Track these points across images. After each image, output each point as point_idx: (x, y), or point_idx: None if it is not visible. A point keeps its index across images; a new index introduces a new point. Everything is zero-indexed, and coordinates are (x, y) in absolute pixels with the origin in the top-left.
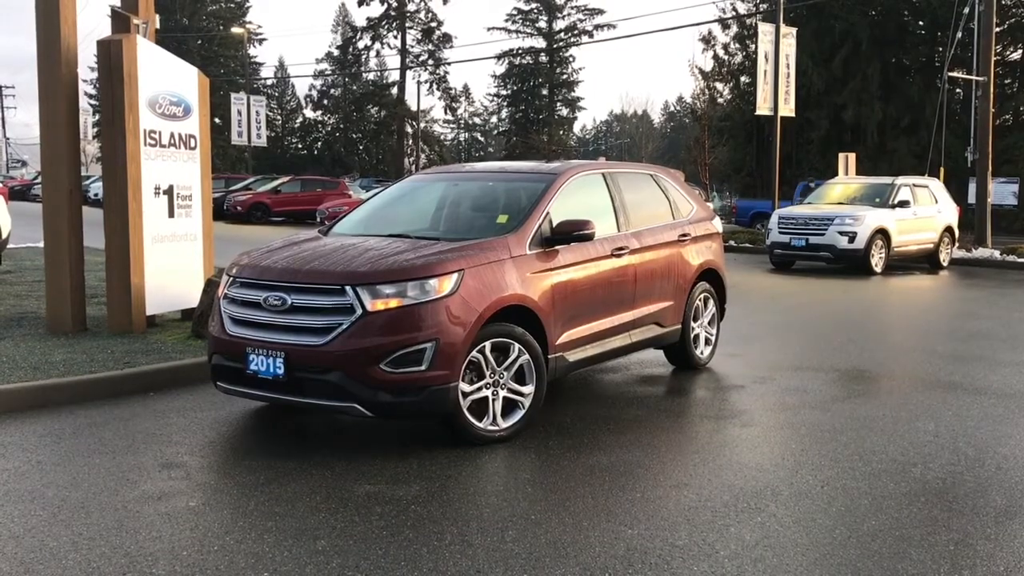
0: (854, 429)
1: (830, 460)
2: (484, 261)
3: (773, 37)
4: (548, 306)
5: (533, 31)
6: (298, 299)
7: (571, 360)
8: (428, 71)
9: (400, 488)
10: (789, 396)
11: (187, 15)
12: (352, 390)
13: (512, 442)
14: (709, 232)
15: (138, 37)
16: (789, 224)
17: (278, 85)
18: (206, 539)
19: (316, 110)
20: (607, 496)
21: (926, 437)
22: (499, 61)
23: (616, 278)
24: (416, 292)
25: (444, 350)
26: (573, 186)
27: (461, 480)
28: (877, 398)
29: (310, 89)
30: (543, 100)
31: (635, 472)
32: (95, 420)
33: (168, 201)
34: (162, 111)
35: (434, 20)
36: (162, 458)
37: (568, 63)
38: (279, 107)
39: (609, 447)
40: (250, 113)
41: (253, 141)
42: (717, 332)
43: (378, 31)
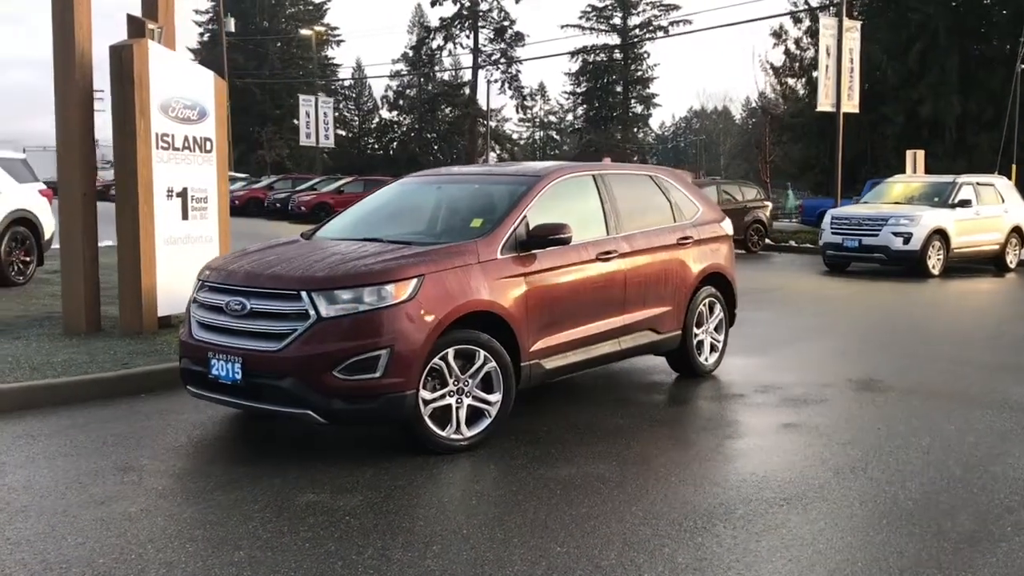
0: (841, 444)
1: (800, 477)
2: (448, 266)
3: (836, 31)
4: (520, 312)
5: (607, 28)
6: (257, 304)
7: (548, 367)
8: (500, 70)
9: (342, 498)
10: (786, 407)
11: (266, 18)
12: (306, 396)
13: (476, 451)
14: (715, 235)
15: (150, 42)
16: (842, 224)
17: (355, 86)
18: (128, 546)
19: (392, 111)
20: (550, 511)
21: (915, 454)
22: (573, 58)
23: (602, 283)
24: (373, 298)
25: (399, 357)
26: (557, 189)
27: (408, 491)
28: (879, 411)
29: (386, 90)
30: (617, 97)
31: (591, 485)
32: (76, 422)
33: (182, 203)
34: (175, 115)
35: (506, 19)
36: (123, 461)
37: (642, 59)
38: (356, 108)
39: (576, 458)
40: (318, 114)
41: (321, 142)
42: (725, 339)
43: (450, 31)
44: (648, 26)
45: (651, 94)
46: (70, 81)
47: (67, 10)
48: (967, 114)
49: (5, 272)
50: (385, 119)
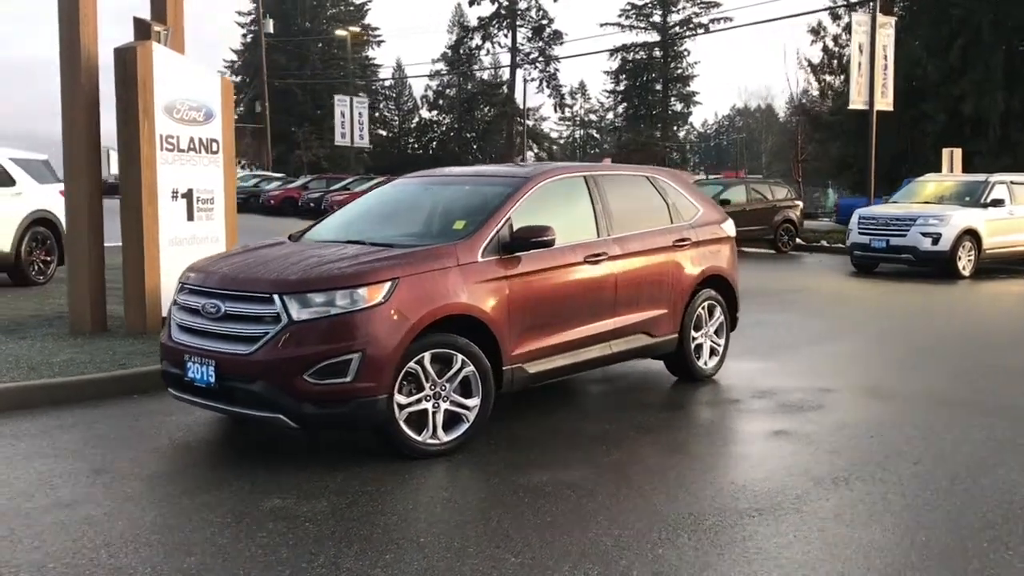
0: (828, 453)
1: (778, 488)
2: (424, 269)
3: (869, 28)
4: (501, 315)
5: (647, 25)
6: (231, 307)
7: (532, 372)
8: (538, 69)
9: (307, 504)
10: (781, 414)
11: (308, 19)
12: (277, 400)
13: (453, 456)
14: (716, 236)
15: (155, 44)
16: (869, 224)
17: (395, 86)
18: (82, 551)
19: (431, 110)
20: (514, 519)
21: (904, 465)
22: (612, 57)
23: (591, 286)
24: (345, 301)
25: (371, 361)
26: (544, 191)
27: (375, 497)
28: (876, 418)
29: (426, 89)
30: (656, 95)
31: (562, 493)
32: (64, 422)
33: (187, 204)
34: (180, 116)
35: (545, 17)
36: (100, 464)
37: (682, 57)
38: (396, 108)
39: (553, 464)
40: (353, 115)
41: (356, 142)
42: (726, 342)
43: (488, 30)
44: (688, 23)
45: (691, 92)
46: (76, 83)
47: (73, 13)
48: (1011, 111)
49: (26, 272)
50: (425, 119)
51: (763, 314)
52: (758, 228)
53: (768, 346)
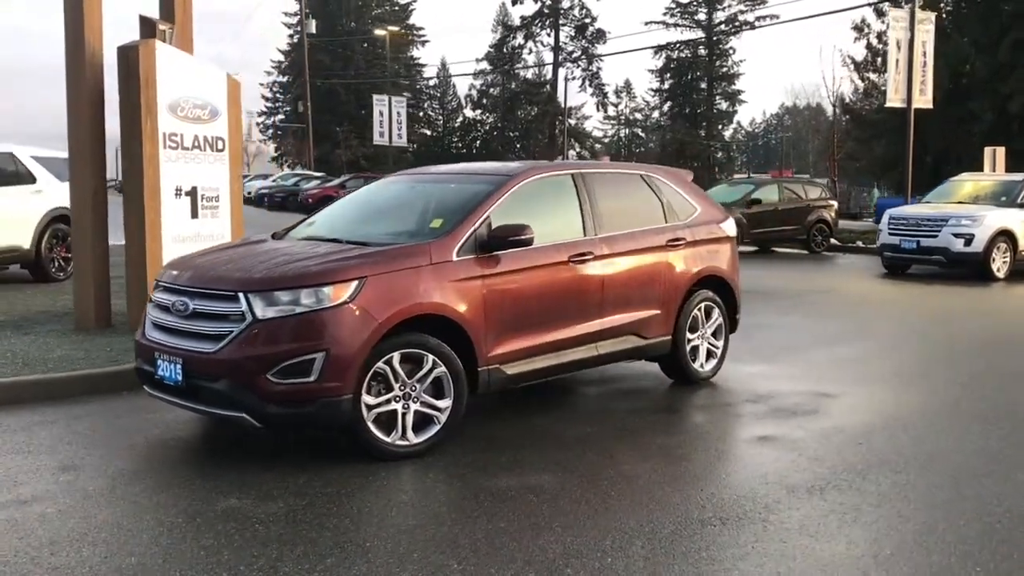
0: (811, 459)
1: (749, 496)
2: (393, 268)
3: (907, 24)
4: (476, 316)
5: (692, 23)
6: (198, 305)
7: (510, 373)
8: (580, 68)
9: (263, 505)
10: (771, 418)
11: (353, 19)
12: (241, 399)
13: (423, 458)
14: (713, 236)
15: (158, 43)
16: (900, 225)
17: (440, 85)
18: (26, 549)
19: (475, 109)
20: (467, 524)
21: (886, 475)
22: (656, 55)
23: (575, 286)
24: (310, 300)
25: (336, 361)
26: (527, 189)
27: (333, 499)
28: (868, 424)
29: (470, 89)
30: (701, 94)
31: (524, 498)
32: (46, 418)
33: (191, 202)
34: (185, 114)
35: (588, 16)
36: (69, 460)
37: (728, 55)
38: (440, 107)
39: (524, 467)
40: (392, 114)
41: (394, 141)
42: (724, 345)
43: (531, 29)
44: (733, 21)
45: (736, 91)
46: (81, 81)
47: (77, 12)
48: None
49: (46, 268)
50: (469, 118)
51: (779, 316)
52: (791, 228)
53: (776, 348)
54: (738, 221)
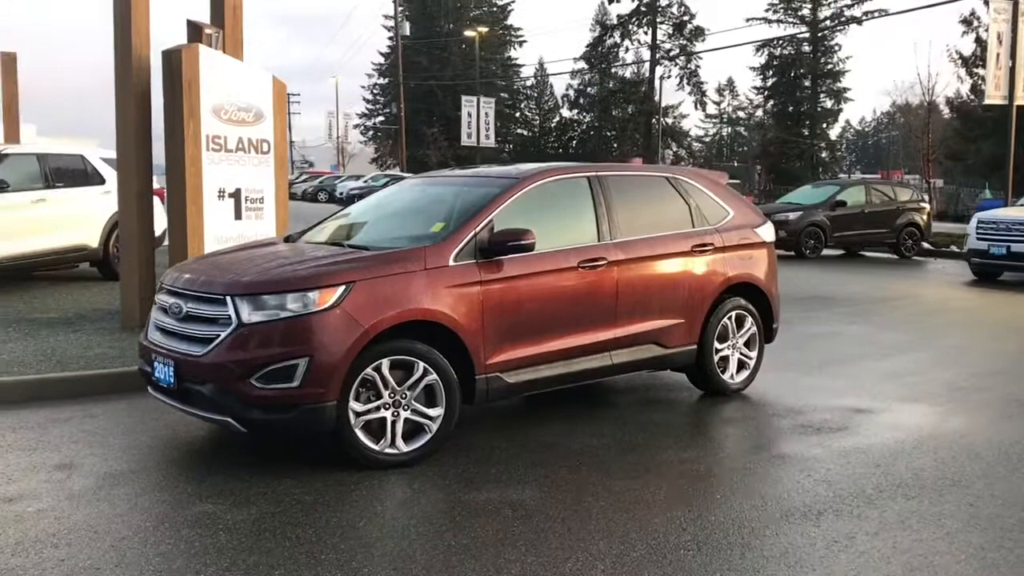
0: (816, 482)
1: (735, 520)
2: (384, 273)
3: (1010, 15)
4: (473, 322)
5: (795, 19)
6: (192, 308)
7: (511, 381)
8: (678, 66)
9: (235, 510)
10: (793, 435)
11: (451, 21)
12: (226, 403)
13: (411, 468)
14: (747, 241)
15: (201, 46)
16: (989, 229)
17: (537, 85)
18: None
19: (572, 109)
20: (431, 539)
21: (892, 509)
22: (758, 52)
23: (585, 292)
24: (297, 305)
25: (319, 367)
26: (536, 193)
27: (308, 507)
28: (896, 446)
29: (567, 88)
30: (804, 92)
31: (500, 513)
32: (63, 416)
33: (235, 203)
34: (229, 117)
35: (686, 13)
36: (68, 459)
37: (833, 52)
38: (537, 107)
39: (511, 481)
40: (479, 115)
41: (482, 142)
42: (758, 355)
43: (627, 28)
44: (839, 17)
45: (842, 88)
46: (128, 84)
47: (125, 16)
48: None
49: (113, 267)
50: (565, 117)
51: (843, 324)
52: (878, 232)
53: (826, 359)
54: (820, 224)
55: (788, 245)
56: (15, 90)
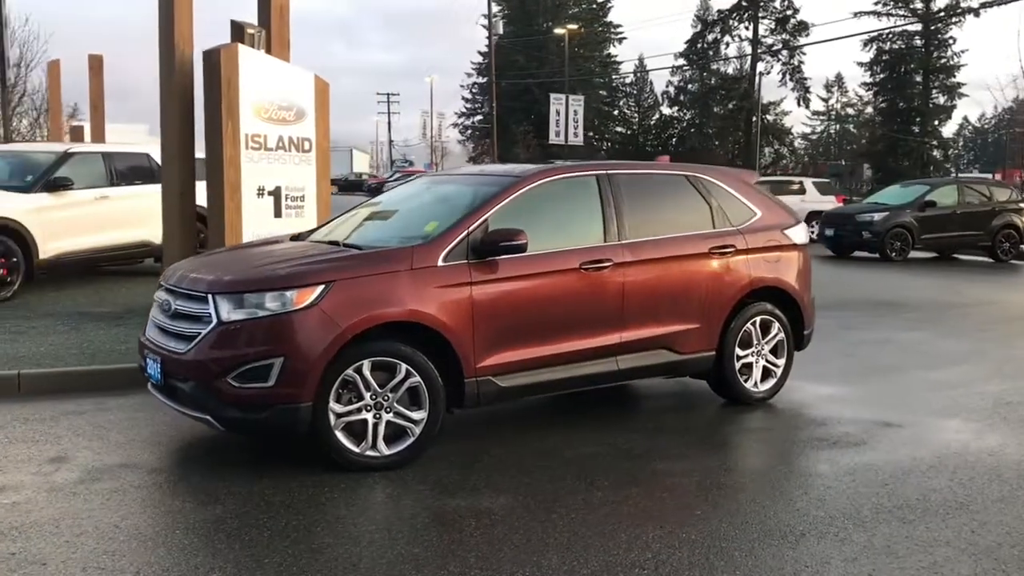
0: (812, 500)
1: (707, 540)
2: (367, 273)
3: None
4: (462, 324)
5: (907, 12)
6: (179, 305)
7: (505, 386)
8: (780, 61)
9: (201, 510)
10: (805, 449)
11: (549, 19)
12: (205, 401)
13: (391, 471)
14: (774, 243)
15: (240, 46)
16: None
17: (636, 83)
18: None
19: (672, 106)
20: (380, 549)
21: (886, 528)
22: (866, 47)
23: (588, 295)
24: (275, 304)
25: (294, 367)
26: (537, 192)
27: (270, 509)
28: (911, 465)
29: (667, 85)
30: (915, 88)
31: (462, 523)
32: (78, 409)
33: (274, 201)
34: (269, 116)
35: (790, 7)
36: (63, 452)
37: (947, 45)
38: (636, 104)
39: (488, 488)
40: (568, 113)
41: (570, 140)
42: (787, 363)
43: (728, 23)
44: (955, 9)
45: (956, 83)
46: (171, 83)
47: (168, 16)
48: None
49: None
50: (665, 115)
51: (902, 331)
52: (972, 234)
53: (870, 368)
54: (907, 226)
55: (872, 247)
56: (102, 90)
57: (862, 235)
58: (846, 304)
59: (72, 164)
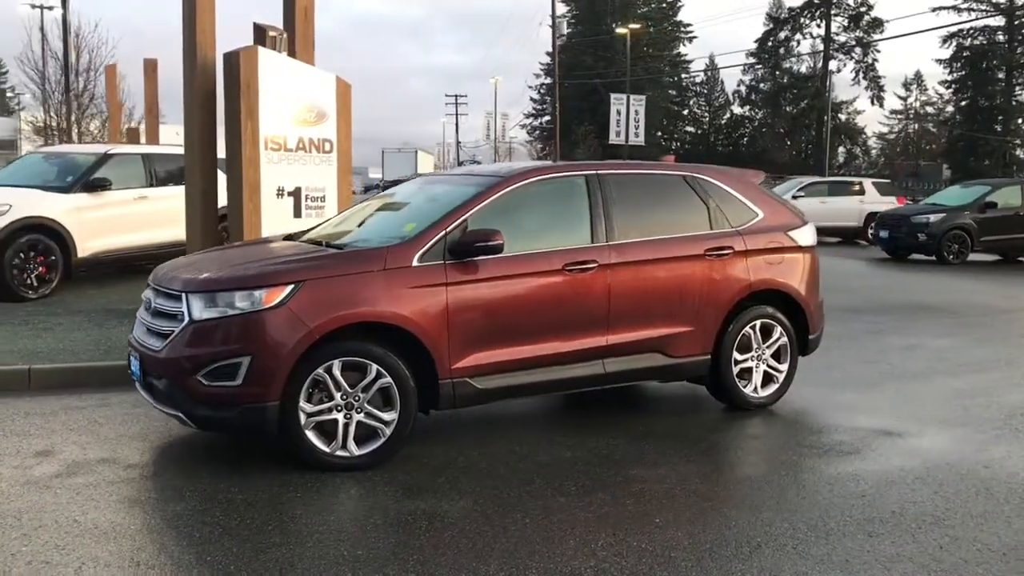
0: (783, 511)
1: (649, 550)
2: (338, 273)
3: None
4: (437, 325)
5: (988, 7)
6: (159, 304)
7: (482, 387)
8: (854, 59)
9: (159, 507)
10: (792, 457)
11: (617, 19)
12: (177, 399)
13: (361, 472)
14: (776, 245)
15: (260, 49)
16: None
17: (707, 82)
18: None
19: (743, 105)
20: (324, 548)
21: (848, 541)
22: (945, 44)
23: (571, 297)
24: (245, 303)
25: (261, 366)
26: (521, 193)
27: (232, 507)
28: (896, 476)
29: (738, 84)
30: (997, 85)
31: (412, 526)
32: (81, 404)
33: (294, 202)
34: (289, 117)
35: (864, 4)
36: (50, 446)
37: None
38: (707, 104)
39: (449, 492)
40: (629, 113)
41: (630, 140)
42: (790, 369)
43: (799, 21)
44: None
45: None
46: (194, 85)
47: (191, 17)
48: None
49: None
50: (736, 114)
51: (929, 337)
52: None
53: (886, 374)
54: (965, 227)
55: (928, 249)
56: (156, 94)
57: (917, 237)
58: (884, 308)
59: (111, 165)
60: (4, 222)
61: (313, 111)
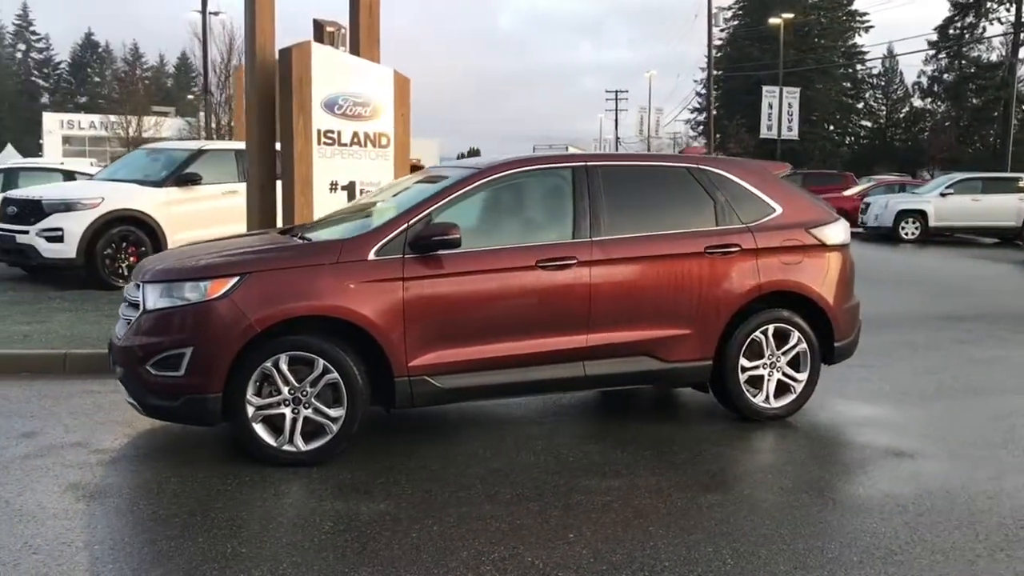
0: (727, 538)
1: (586, 565)
2: (284, 265)
3: None
4: (392, 321)
5: None
6: (129, 293)
7: (444, 387)
8: None
9: (101, 499)
10: (777, 478)
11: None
12: (132, 387)
13: (309, 469)
14: (794, 243)
15: (314, 44)
16: None
17: (884, 73)
18: None
19: (924, 98)
20: (222, 541)
21: (811, 560)
22: None
23: (546, 294)
24: (194, 294)
25: (201, 357)
26: (500, 185)
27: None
28: (885, 500)
29: (919, 75)
30: None
31: (353, 523)
32: (83, 388)
33: (348, 196)
34: (343, 112)
35: None
36: (38, 428)
37: None
38: (884, 97)
39: (387, 494)
40: (782, 106)
41: (783, 135)
42: (809, 378)
43: (985, 5)
44: None
45: None
46: (253, 81)
47: (252, 14)
48: None
49: None
50: (916, 107)
51: (1004, 349)
52: None
53: (941, 389)
54: None
55: None
56: None
57: None
58: (991, 316)
59: (203, 161)
60: (97, 214)
61: (369, 106)
